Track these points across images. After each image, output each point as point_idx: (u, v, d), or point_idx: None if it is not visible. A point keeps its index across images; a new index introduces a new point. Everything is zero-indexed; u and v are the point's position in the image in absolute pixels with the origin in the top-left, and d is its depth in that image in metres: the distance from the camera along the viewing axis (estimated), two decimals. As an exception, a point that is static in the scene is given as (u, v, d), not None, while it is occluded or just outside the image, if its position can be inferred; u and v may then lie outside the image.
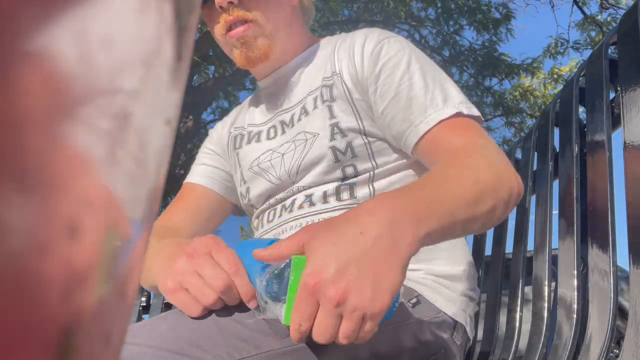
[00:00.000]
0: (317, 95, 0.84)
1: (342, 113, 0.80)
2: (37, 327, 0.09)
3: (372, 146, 0.80)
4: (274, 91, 0.92)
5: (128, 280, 0.12)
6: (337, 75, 0.83)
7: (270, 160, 0.85)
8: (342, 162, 0.79)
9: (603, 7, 6.26)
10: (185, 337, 0.54)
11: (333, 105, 0.81)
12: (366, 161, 0.79)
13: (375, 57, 0.80)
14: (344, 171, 0.79)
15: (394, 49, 0.81)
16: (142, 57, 0.11)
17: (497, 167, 0.66)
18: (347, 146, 0.78)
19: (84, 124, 0.10)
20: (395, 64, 0.79)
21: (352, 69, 0.82)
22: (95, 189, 0.10)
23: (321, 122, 0.81)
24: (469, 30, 6.54)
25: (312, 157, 0.80)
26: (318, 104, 0.83)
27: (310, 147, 0.80)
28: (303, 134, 0.82)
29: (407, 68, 0.78)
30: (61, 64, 0.09)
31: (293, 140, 0.83)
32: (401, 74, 0.78)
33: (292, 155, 0.82)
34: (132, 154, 0.11)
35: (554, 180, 1.01)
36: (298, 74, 0.90)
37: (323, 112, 0.81)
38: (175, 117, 0.13)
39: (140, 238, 0.12)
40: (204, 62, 5.65)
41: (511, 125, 7.04)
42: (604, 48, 0.90)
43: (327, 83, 0.84)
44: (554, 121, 1.09)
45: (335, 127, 0.79)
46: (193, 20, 0.13)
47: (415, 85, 0.77)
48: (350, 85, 0.81)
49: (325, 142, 0.79)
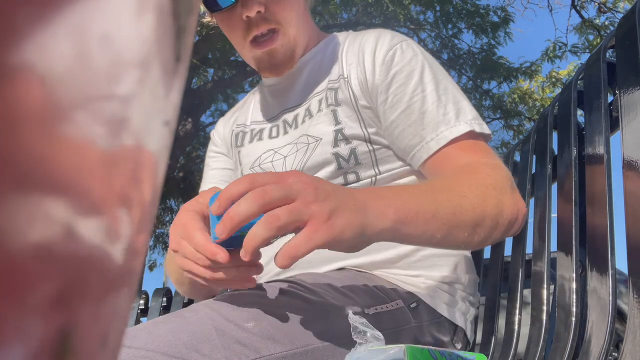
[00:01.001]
0: (322, 97, 0.82)
1: (346, 119, 0.78)
2: (34, 329, 0.09)
3: (376, 154, 0.78)
4: (279, 89, 0.90)
5: (126, 281, 0.12)
6: (345, 79, 0.81)
7: (272, 162, 0.84)
8: (345, 169, 0.77)
9: (601, 11, 6.29)
10: (183, 340, 0.54)
11: (337, 109, 0.79)
12: (369, 168, 0.78)
13: (387, 65, 0.77)
14: (346, 178, 0.78)
15: (407, 57, 0.78)
16: (141, 58, 0.11)
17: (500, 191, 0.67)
18: (350, 153, 0.77)
19: (81, 125, 0.10)
20: (407, 73, 0.77)
21: (361, 75, 0.79)
22: (94, 189, 0.10)
23: (325, 127, 0.79)
24: (468, 34, 6.57)
25: (314, 162, 0.78)
26: (322, 107, 0.81)
27: (312, 151, 0.79)
28: (306, 137, 0.81)
29: (420, 79, 0.76)
30: (58, 64, 0.09)
31: (295, 143, 0.82)
32: (414, 85, 0.76)
33: (294, 158, 0.81)
34: (131, 155, 0.11)
35: (553, 183, 1.01)
36: (305, 73, 0.87)
37: (327, 117, 0.80)
38: (173, 119, 0.13)
39: (140, 238, 0.12)
40: (203, 64, 5.65)
41: (509, 128, 7.06)
42: (602, 51, 0.91)
43: (332, 86, 0.82)
44: (553, 124, 1.09)
45: (339, 133, 0.78)
46: (192, 22, 0.13)
47: (428, 98, 0.75)
48: (358, 91, 0.79)
49: (328, 148, 0.78)
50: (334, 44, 0.88)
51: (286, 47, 0.82)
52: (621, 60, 0.81)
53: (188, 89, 5.52)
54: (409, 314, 0.70)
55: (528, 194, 1.08)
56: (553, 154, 1.05)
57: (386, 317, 0.67)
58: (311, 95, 0.85)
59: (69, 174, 0.10)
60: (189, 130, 5.45)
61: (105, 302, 0.11)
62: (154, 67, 0.11)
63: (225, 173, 0.97)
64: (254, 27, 0.79)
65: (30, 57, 0.08)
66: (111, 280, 0.11)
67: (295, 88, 0.88)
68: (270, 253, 0.80)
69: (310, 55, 0.88)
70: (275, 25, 0.79)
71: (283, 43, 0.81)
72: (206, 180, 0.98)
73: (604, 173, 0.77)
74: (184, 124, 5.47)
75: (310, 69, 0.87)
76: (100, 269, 0.11)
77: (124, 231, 0.11)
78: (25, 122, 0.08)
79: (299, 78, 0.88)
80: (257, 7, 0.77)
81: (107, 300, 0.11)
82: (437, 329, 0.73)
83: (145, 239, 0.13)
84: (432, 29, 6.61)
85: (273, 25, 0.79)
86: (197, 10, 0.13)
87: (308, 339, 0.59)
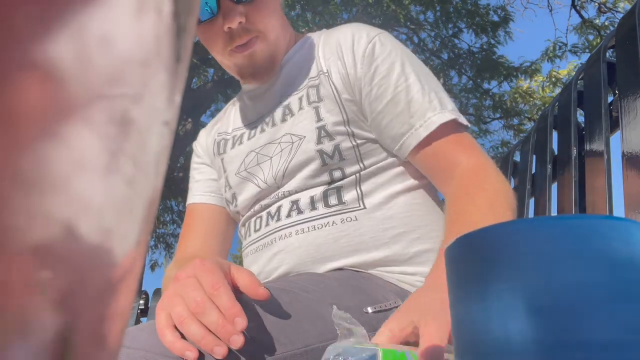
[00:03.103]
0: (303, 95, 0.83)
1: (328, 114, 0.79)
2: (34, 329, 0.09)
3: (360, 149, 0.79)
4: (258, 93, 0.90)
5: (124, 282, 0.12)
6: (325, 74, 0.82)
7: (259, 164, 0.84)
8: (330, 165, 0.78)
9: (601, 11, 6.29)
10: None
11: (320, 106, 0.80)
12: (354, 164, 0.78)
13: (369, 58, 0.79)
14: (331, 175, 0.78)
15: (387, 49, 0.80)
16: (141, 58, 0.11)
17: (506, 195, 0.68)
18: (334, 150, 0.77)
19: (82, 126, 0.10)
20: (389, 65, 0.78)
21: (342, 69, 0.81)
22: (93, 190, 0.10)
23: (307, 124, 0.79)
24: (468, 34, 6.57)
25: (298, 161, 0.79)
26: (304, 105, 0.82)
27: (296, 150, 0.79)
28: (289, 135, 0.81)
29: (402, 70, 0.78)
30: (59, 65, 0.09)
31: (279, 142, 0.82)
32: (397, 75, 0.77)
33: (279, 158, 0.81)
34: (131, 155, 0.11)
35: (553, 183, 1.01)
36: (282, 74, 0.88)
37: (309, 114, 0.80)
38: (173, 119, 0.13)
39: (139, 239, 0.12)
40: (203, 64, 5.65)
41: (509, 128, 7.06)
42: (602, 52, 0.91)
43: (313, 83, 0.83)
44: (553, 124, 1.09)
45: (322, 130, 0.78)
46: (192, 22, 0.13)
47: (412, 87, 0.77)
48: (340, 85, 0.80)
49: (312, 145, 0.78)
50: (309, 43, 0.89)
51: (266, 51, 0.83)
52: (621, 61, 0.81)
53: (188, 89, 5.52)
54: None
55: (528, 193, 1.08)
56: (553, 154, 1.05)
57: (384, 317, 0.68)
58: (290, 94, 0.85)
59: (69, 174, 0.10)
60: (189, 130, 5.45)
61: (105, 302, 0.11)
62: (154, 67, 0.11)
63: (209, 184, 0.97)
64: (237, 38, 0.80)
65: (31, 56, 0.08)
66: (111, 280, 0.11)
67: (274, 89, 0.88)
68: (270, 253, 0.80)
69: (287, 57, 0.89)
70: (256, 34, 0.80)
71: (262, 48, 0.82)
72: (192, 191, 0.99)
73: (603, 173, 0.77)
74: (184, 124, 5.47)
75: (287, 70, 0.88)
76: (100, 269, 0.11)
77: (123, 230, 0.11)
78: (26, 122, 0.08)
79: (277, 80, 0.88)
80: (239, 17, 0.77)
81: (107, 300, 0.11)
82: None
83: (146, 239, 0.13)
84: (432, 28, 6.62)
85: (254, 34, 0.80)
86: (197, 10, 0.14)
87: (308, 340, 0.60)
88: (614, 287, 0.23)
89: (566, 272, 0.24)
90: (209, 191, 0.96)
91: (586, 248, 0.24)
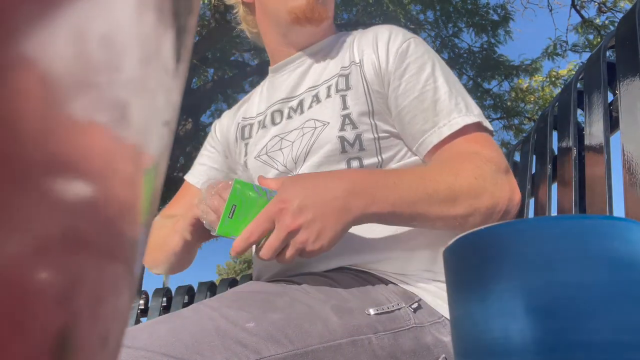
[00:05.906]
0: (332, 84, 0.85)
1: (355, 104, 0.80)
2: (34, 329, 0.09)
3: (380, 142, 0.80)
4: (285, 78, 0.92)
5: (126, 281, 0.12)
6: (357, 65, 0.84)
7: (281, 149, 0.85)
8: (349, 153, 0.79)
9: (601, 11, 6.29)
10: (184, 341, 0.54)
11: (347, 94, 0.81)
12: (373, 156, 0.79)
13: (402, 55, 0.81)
14: (349, 164, 0.79)
15: (420, 50, 0.82)
16: (141, 58, 0.11)
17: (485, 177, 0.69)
18: (356, 138, 0.79)
19: (81, 125, 0.10)
20: (421, 64, 0.80)
21: (375, 60, 0.82)
22: (93, 191, 0.10)
23: (333, 112, 0.81)
24: (468, 33, 6.57)
25: (319, 145, 0.80)
26: (332, 93, 0.83)
27: (318, 135, 0.80)
28: (313, 121, 0.82)
29: (432, 71, 0.80)
30: (58, 63, 0.09)
31: (302, 127, 0.83)
32: (427, 75, 0.79)
33: (300, 143, 0.82)
34: (130, 155, 0.11)
35: (553, 183, 1.01)
36: (311, 62, 0.90)
37: (336, 101, 0.82)
38: (173, 119, 0.13)
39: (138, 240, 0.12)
40: (203, 64, 5.66)
41: (510, 128, 7.06)
42: (602, 51, 0.91)
43: (344, 72, 0.85)
44: (553, 124, 1.09)
45: (347, 117, 0.80)
46: (192, 22, 0.13)
47: (440, 88, 0.78)
48: (371, 76, 0.82)
49: (335, 131, 0.79)
50: (344, 37, 0.92)
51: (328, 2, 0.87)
52: (621, 61, 0.81)
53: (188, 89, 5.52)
54: (410, 314, 0.70)
55: (528, 194, 1.08)
56: (553, 154, 1.05)
57: (387, 318, 0.67)
58: (319, 83, 0.87)
59: (69, 174, 0.10)
60: (189, 130, 5.45)
61: (105, 302, 0.11)
62: (154, 67, 0.11)
63: (211, 173, 1.00)
64: None
65: (31, 56, 0.08)
66: (111, 280, 0.11)
67: (301, 77, 0.90)
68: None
69: (318, 47, 0.91)
70: None
71: None
72: (195, 167, 1.03)
73: (603, 173, 0.77)
74: (184, 124, 5.47)
75: (319, 58, 0.90)
76: (100, 269, 0.11)
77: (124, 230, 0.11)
78: (25, 121, 0.08)
79: (305, 67, 0.90)
80: None
81: (107, 300, 0.11)
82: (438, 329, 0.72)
83: (146, 237, 0.13)
84: (432, 28, 6.62)
85: None
86: (197, 10, 0.14)
87: (308, 340, 0.59)
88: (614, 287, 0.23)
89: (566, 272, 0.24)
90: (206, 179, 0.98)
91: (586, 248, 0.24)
